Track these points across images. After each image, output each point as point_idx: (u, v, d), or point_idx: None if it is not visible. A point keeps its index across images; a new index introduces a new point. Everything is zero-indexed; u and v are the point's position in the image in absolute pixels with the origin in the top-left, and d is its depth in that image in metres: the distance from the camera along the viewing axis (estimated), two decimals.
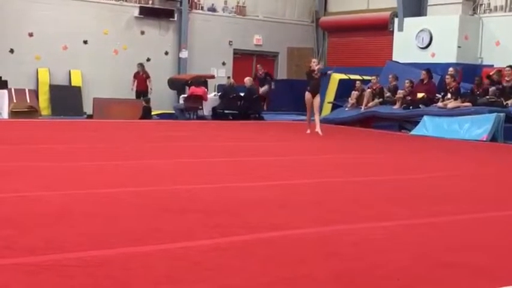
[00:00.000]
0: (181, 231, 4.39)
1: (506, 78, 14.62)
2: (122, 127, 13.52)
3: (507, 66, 14.73)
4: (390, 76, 16.49)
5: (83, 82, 18.59)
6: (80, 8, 18.62)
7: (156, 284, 3.27)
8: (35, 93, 17.18)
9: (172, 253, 3.83)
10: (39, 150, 8.92)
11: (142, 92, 18.10)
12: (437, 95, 15.18)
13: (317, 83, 13.42)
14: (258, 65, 19.83)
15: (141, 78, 18.36)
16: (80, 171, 7.03)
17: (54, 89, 18.15)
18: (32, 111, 16.03)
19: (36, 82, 18.08)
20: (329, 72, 15.26)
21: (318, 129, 13.19)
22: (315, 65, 13.57)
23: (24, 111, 15.84)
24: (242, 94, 17.66)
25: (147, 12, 19.58)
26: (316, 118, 13.53)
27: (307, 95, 13.42)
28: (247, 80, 17.89)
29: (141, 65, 18.48)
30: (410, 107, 15.24)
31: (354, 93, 16.79)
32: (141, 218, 4.78)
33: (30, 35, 18.06)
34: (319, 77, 13.50)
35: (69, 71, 18.57)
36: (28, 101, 16.27)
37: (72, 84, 18.47)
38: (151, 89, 18.32)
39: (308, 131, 13.37)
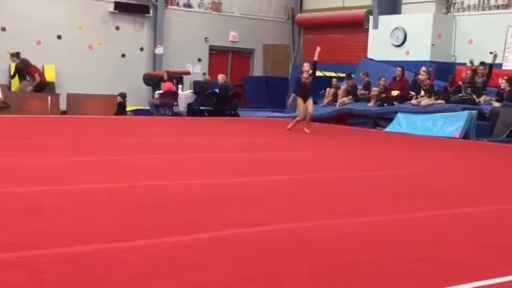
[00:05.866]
0: (157, 227, 4.37)
1: (479, 75, 14.82)
2: (96, 123, 13.40)
3: (480, 63, 14.92)
4: (361, 74, 16.65)
5: (57, 77, 18.37)
6: (54, 3, 18.40)
7: (130, 280, 3.26)
8: (7, 88, 16.94)
9: (148, 249, 3.81)
10: (11, 145, 8.80)
11: (45, 84, 16.33)
12: (411, 92, 15.32)
13: (307, 88, 13.21)
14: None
15: (34, 69, 16.20)
16: (53, 167, 6.95)
17: None
18: (5, 107, 15.81)
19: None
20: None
21: (305, 128, 13.07)
22: (307, 68, 13.29)
23: None
24: (217, 91, 17.64)
25: (122, 8, 19.41)
26: (308, 118, 13.32)
27: (300, 100, 13.23)
28: (220, 77, 17.85)
29: (17, 55, 16.07)
30: (385, 104, 15.37)
31: (330, 90, 16.89)
32: (116, 214, 4.75)
33: (3, 29, 17.81)
34: (311, 80, 13.23)
35: (43, 66, 18.35)
36: (0, 96, 16.04)
37: (46, 79, 18.24)
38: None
39: (289, 126, 13.27)
